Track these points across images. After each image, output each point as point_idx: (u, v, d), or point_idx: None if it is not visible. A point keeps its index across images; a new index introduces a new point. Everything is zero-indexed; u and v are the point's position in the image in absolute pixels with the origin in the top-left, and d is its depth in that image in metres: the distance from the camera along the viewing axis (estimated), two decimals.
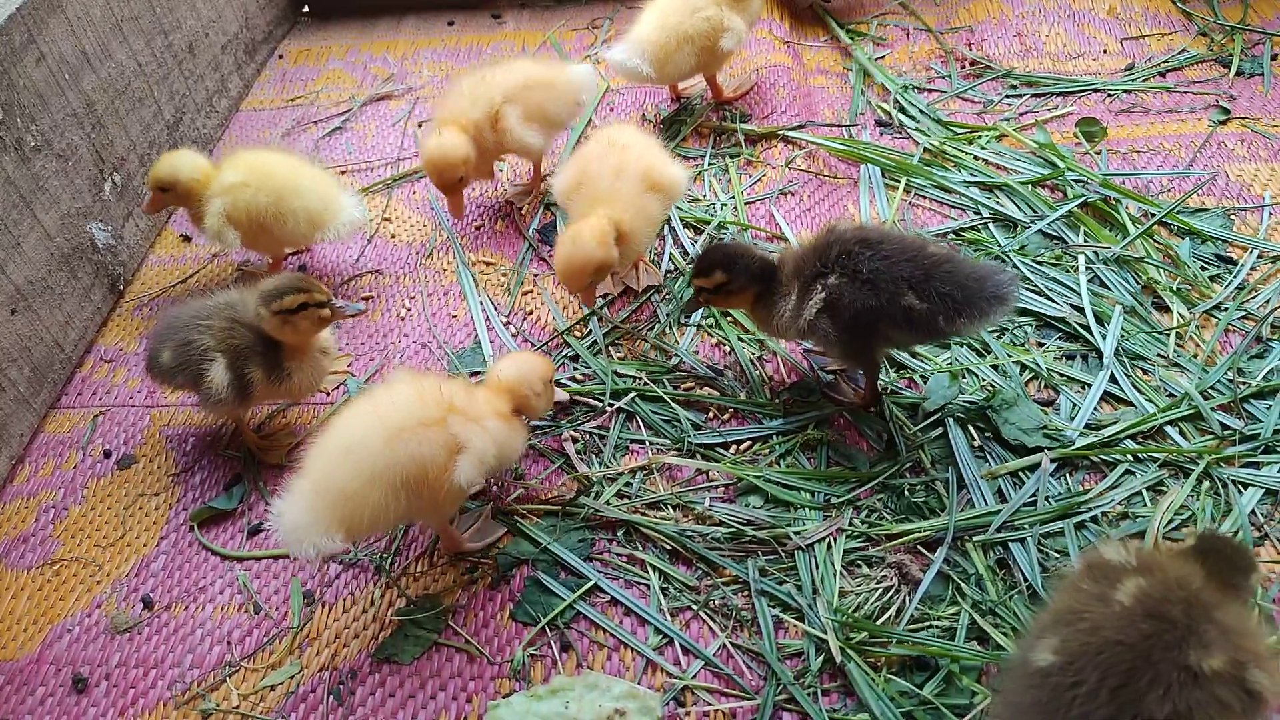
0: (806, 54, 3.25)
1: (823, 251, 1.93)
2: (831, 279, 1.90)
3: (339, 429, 1.72)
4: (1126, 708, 1.29)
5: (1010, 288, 1.83)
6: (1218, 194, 2.52)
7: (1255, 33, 3.03)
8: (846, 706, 1.66)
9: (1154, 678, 1.29)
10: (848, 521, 1.89)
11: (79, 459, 2.24)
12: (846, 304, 1.88)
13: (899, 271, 1.85)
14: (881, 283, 1.86)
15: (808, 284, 1.93)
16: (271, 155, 2.48)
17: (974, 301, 1.82)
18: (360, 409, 1.75)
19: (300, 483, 1.68)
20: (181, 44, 2.96)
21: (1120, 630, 1.32)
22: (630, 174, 2.23)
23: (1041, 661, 1.36)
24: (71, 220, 2.44)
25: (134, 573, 2.01)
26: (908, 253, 1.87)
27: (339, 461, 1.68)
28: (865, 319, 1.88)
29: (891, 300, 1.85)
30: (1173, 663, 1.29)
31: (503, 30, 3.56)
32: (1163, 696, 1.28)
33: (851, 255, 1.89)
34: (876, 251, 1.88)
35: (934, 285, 1.83)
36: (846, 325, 1.89)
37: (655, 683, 1.72)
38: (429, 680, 1.77)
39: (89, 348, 2.51)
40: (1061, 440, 1.98)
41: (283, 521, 1.64)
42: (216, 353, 2.00)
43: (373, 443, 1.67)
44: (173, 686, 1.81)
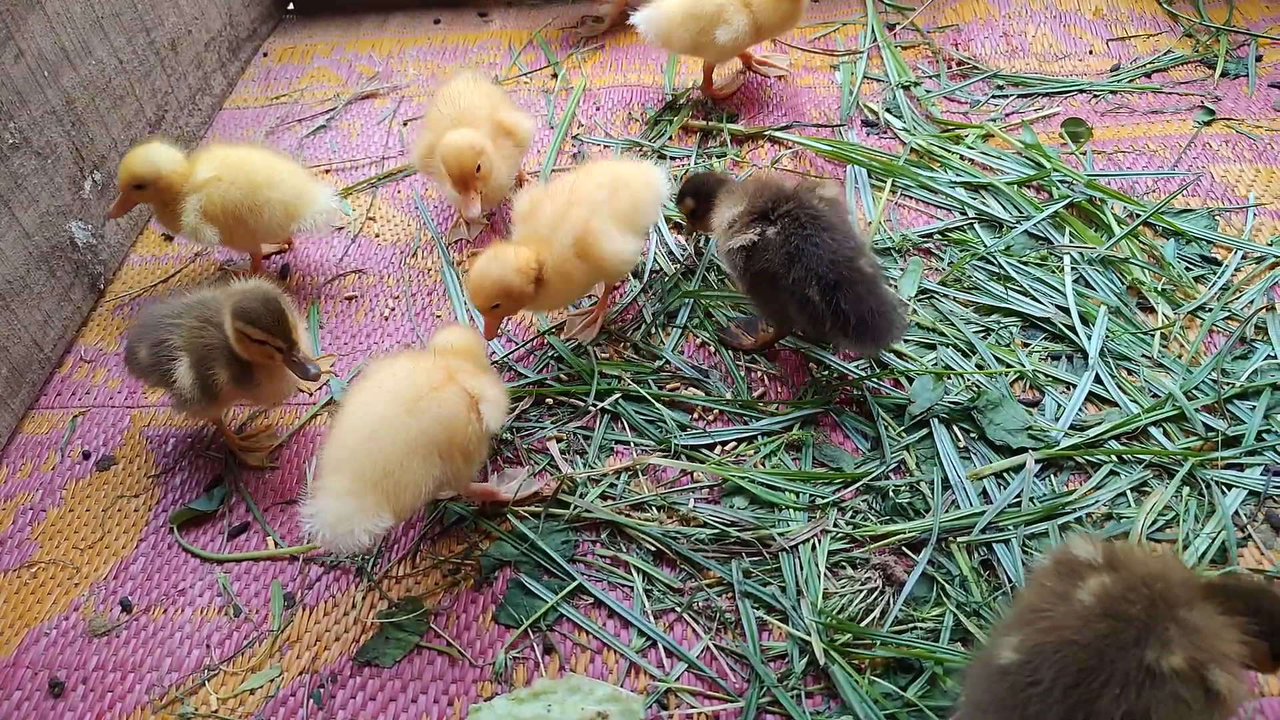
0: (794, 54, 3.24)
1: (781, 199, 2.02)
2: (769, 230, 1.99)
3: (354, 417, 1.72)
4: (1080, 707, 1.29)
5: (898, 334, 1.97)
6: (1202, 195, 2.53)
7: (1240, 34, 3.04)
8: (830, 709, 1.65)
9: (1109, 677, 1.29)
10: (832, 523, 1.89)
11: (57, 460, 2.22)
12: (764, 258, 1.99)
13: (817, 264, 1.94)
14: (797, 263, 1.95)
15: (751, 216, 2.03)
16: (241, 149, 2.45)
17: (862, 332, 1.93)
18: (367, 393, 1.74)
19: (332, 478, 1.66)
20: (164, 41, 2.93)
21: (1077, 630, 1.33)
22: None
23: (1003, 659, 1.36)
24: (51, 219, 2.41)
25: (112, 575, 1.98)
26: (838, 254, 1.95)
27: (368, 445, 1.67)
28: (768, 280, 2.00)
29: (797, 283, 1.95)
30: (1130, 661, 1.29)
31: (489, 28, 3.54)
32: (1119, 696, 1.28)
33: (796, 221, 1.98)
34: (816, 234, 1.96)
35: (839, 296, 1.92)
36: (753, 273, 2.03)
37: (638, 685, 1.71)
38: (410, 683, 1.76)
39: (68, 347, 2.49)
40: (1046, 441, 1.98)
41: (325, 519, 1.62)
42: (182, 352, 1.96)
43: (396, 418, 1.69)
44: (151, 690, 1.79)
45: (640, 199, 2.20)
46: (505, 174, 2.48)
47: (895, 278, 2.36)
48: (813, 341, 2.22)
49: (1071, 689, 1.30)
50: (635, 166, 2.29)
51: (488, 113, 2.47)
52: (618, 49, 3.34)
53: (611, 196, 2.15)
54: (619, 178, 2.19)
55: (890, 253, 2.43)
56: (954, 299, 2.29)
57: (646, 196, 2.23)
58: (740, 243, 2.03)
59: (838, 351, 2.18)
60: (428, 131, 2.50)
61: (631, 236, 2.15)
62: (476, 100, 2.48)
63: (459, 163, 2.30)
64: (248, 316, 1.87)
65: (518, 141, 2.53)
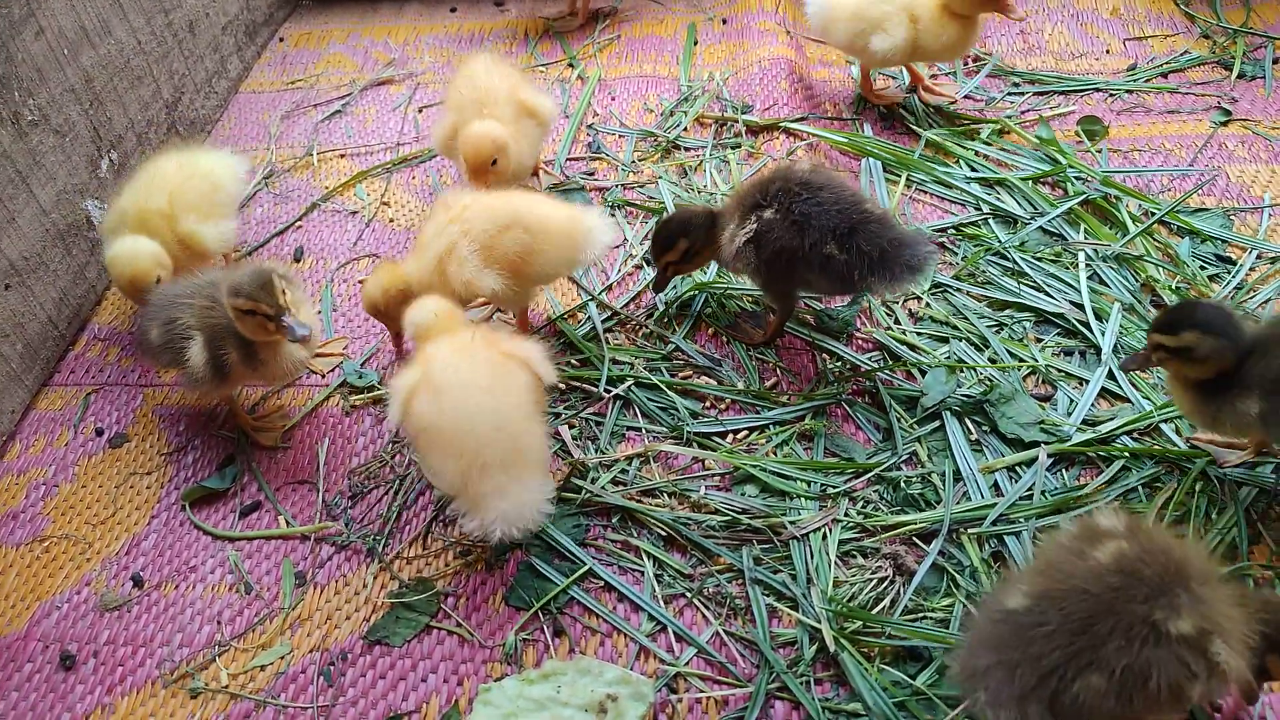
0: (810, 47, 3.24)
1: (767, 185, 2.03)
2: (766, 213, 2.00)
3: (460, 423, 1.70)
4: (1084, 652, 1.33)
5: (928, 259, 1.95)
6: (1218, 194, 2.52)
7: (1257, 36, 3.03)
8: (839, 696, 1.65)
9: (1114, 628, 1.32)
10: (843, 512, 1.89)
11: (70, 436, 2.23)
12: (774, 238, 1.99)
13: (827, 220, 1.96)
14: (808, 227, 1.96)
15: (745, 213, 2.03)
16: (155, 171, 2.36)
17: (890, 265, 1.93)
18: (453, 399, 1.71)
19: (496, 478, 1.68)
20: (182, 23, 2.94)
21: (1089, 580, 1.37)
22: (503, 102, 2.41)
23: (1011, 603, 1.40)
24: (67, 196, 2.42)
25: (124, 551, 1.99)
26: (841, 204, 1.97)
27: (502, 437, 1.70)
28: (785, 256, 1.99)
29: (814, 246, 1.96)
30: (1136, 615, 1.32)
31: (505, 18, 3.54)
32: (1122, 647, 1.31)
33: (790, 194, 2.00)
34: (814, 196, 1.99)
35: (857, 240, 1.94)
36: (767, 259, 2.01)
37: (648, 669, 1.72)
38: (420, 662, 1.76)
39: (83, 325, 2.50)
40: (1059, 436, 1.98)
41: (523, 513, 1.69)
42: (195, 331, 1.98)
43: (501, 401, 1.72)
44: (161, 665, 1.80)
45: (535, 247, 2.05)
46: (527, 154, 2.48)
47: None
48: (833, 335, 2.22)
49: (1077, 634, 1.34)
50: (550, 209, 2.12)
51: (508, 93, 2.45)
52: (634, 40, 3.34)
53: (500, 233, 2.03)
54: (518, 217, 2.05)
55: None
56: (968, 293, 2.29)
57: (546, 246, 2.06)
58: (744, 236, 2.02)
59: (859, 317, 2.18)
60: (450, 114, 2.49)
61: (493, 276, 2.02)
62: (496, 81, 2.46)
63: (477, 153, 2.29)
64: (235, 290, 1.90)
65: (540, 122, 2.52)
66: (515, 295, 2.10)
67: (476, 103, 2.41)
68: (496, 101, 2.41)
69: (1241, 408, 1.68)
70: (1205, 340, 1.65)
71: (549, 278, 2.16)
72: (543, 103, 2.52)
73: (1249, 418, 1.68)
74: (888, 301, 2.29)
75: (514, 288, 2.06)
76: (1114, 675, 1.32)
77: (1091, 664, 1.33)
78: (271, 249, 2.67)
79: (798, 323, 2.27)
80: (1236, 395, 1.68)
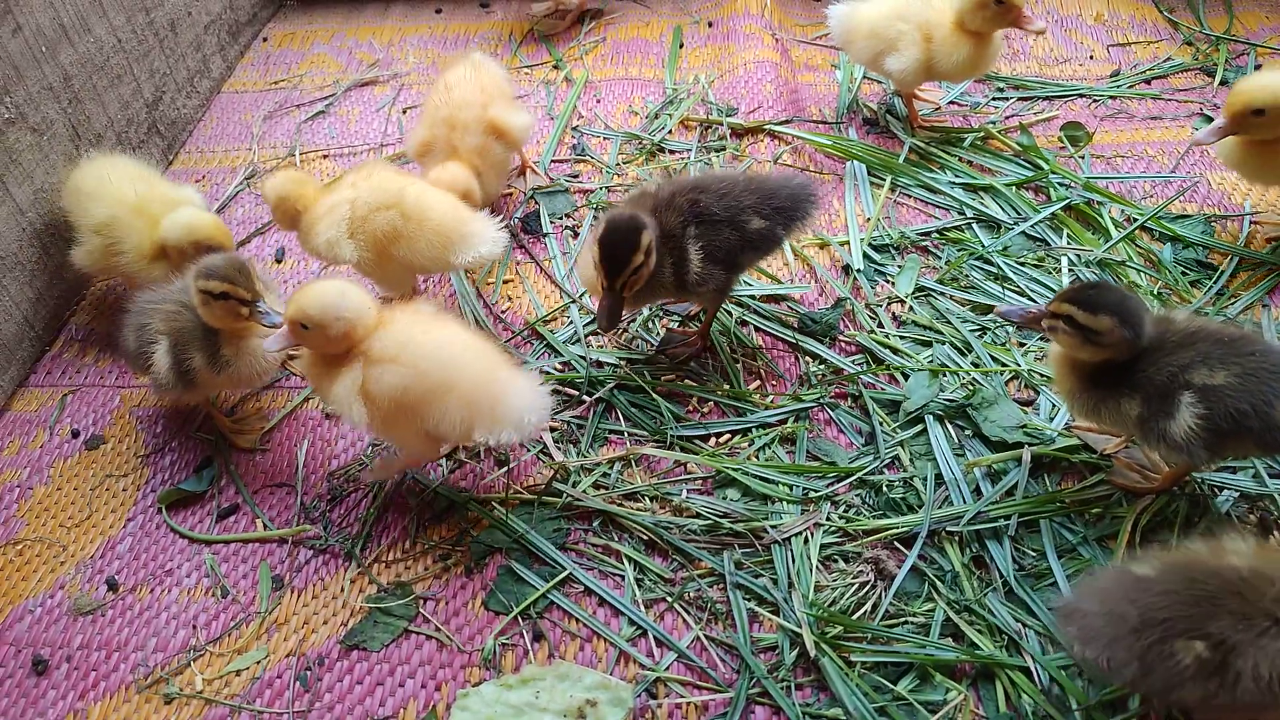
0: (795, 51, 3.24)
1: (667, 208, 2.00)
2: (693, 229, 1.99)
3: (436, 358, 1.75)
4: (1196, 618, 1.34)
5: (810, 185, 2.11)
6: (1199, 200, 2.53)
7: (1240, 43, 3.05)
8: (820, 701, 1.64)
9: (1237, 608, 1.33)
10: (825, 516, 1.88)
11: (46, 438, 2.20)
12: (718, 245, 2.00)
13: (744, 201, 2.02)
14: (735, 217, 2.01)
15: (676, 241, 1.99)
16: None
17: (799, 205, 2.07)
18: (412, 349, 1.76)
19: (500, 379, 1.77)
20: (163, 21, 2.92)
21: (1222, 569, 1.38)
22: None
23: (1139, 569, 1.43)
24: (44, 195, 2.39)
25: (99, 554, 1.97)
26: (738, 184, 2.05)
27: (475, 347, 1.80)
28: (733, 253, 2.02)
29: (744, 229, 2.02)
30: (1261, 607, 1.32)
31: (490, 19, 3.53)
32: (1238, 626, 1.32)
33: (697, 203, 2.01)
34: (715, 191, 2.03)
35: (771, 203, 2.04)
36: (724, 265, 2.02)
37: (628, 674, 1.70)
38: (398, 667, 1.75)
39: (60, 326, 2.47)
40: (1041, 439, 1.97)
41: (540, 398, 1.77)
42: (161, 335, 1.96)
43: (449, 327, 1.82)
44: (135, 670, 1.77)
45: (404, 232, 2.09)
46: (493, 180, 2.46)
47: (893, 274, 2.36)
48: (816, 338, 2.21)
49: (1196, 603, 1.35)
50: (437, 203, 2.13)
51: (479, 112, 2.40)
52: (619, 42, 3.33)
53: (376, 210, 2.09)
54: (400, 201, 2.10)
55: (888, 249, 2.43)
56: (951, 297, 2.29)
57: (417, 236, 2.09)
58: (699, 256, 1.99)
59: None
60: (423, 126, 2.47)
61: (350, 247, 2.11)
62: (469, 95, 2.42)
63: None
64: (209, 272, 1.87)
65: (510, 143, 2.48)
66: (382, 275, 2.17)
67: (447, 122, 2.39)
68: (466, 126, 2.39)
69: (1125, 407, 1.68)
70: (1119, 330, 1.62)
71: (419, 268, 2.17)
72: (515, 122, 2.47)
73: (1128, 418, 1.68)
74: (871, 305, 2.29)
75: (376, 266, 2.12)
76: (1220, 646, 1.32)
77: (1199, 631, 1.33)
78: (253, 249, 2.65)
79: (781, 325, 2.26)
80: (1122, 394, 1.68)
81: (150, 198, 2.27)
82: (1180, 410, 1.61)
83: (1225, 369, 1.61)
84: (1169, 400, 1.62)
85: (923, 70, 2.60)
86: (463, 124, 2.39)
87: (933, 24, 2.56)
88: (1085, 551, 1.80)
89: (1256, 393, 1.58)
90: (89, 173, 2.30)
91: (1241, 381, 1.60)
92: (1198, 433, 1.60)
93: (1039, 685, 1.62)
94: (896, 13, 2.61)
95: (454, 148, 2.39)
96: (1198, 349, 1.64)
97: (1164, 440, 1.64)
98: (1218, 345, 1.64)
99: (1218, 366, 1.61)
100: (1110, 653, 1.40)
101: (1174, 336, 1.67)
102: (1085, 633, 1.43)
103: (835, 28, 2.73)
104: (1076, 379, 1.74)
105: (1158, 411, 1.64)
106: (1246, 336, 1.66)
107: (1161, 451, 1.70)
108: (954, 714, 1.60)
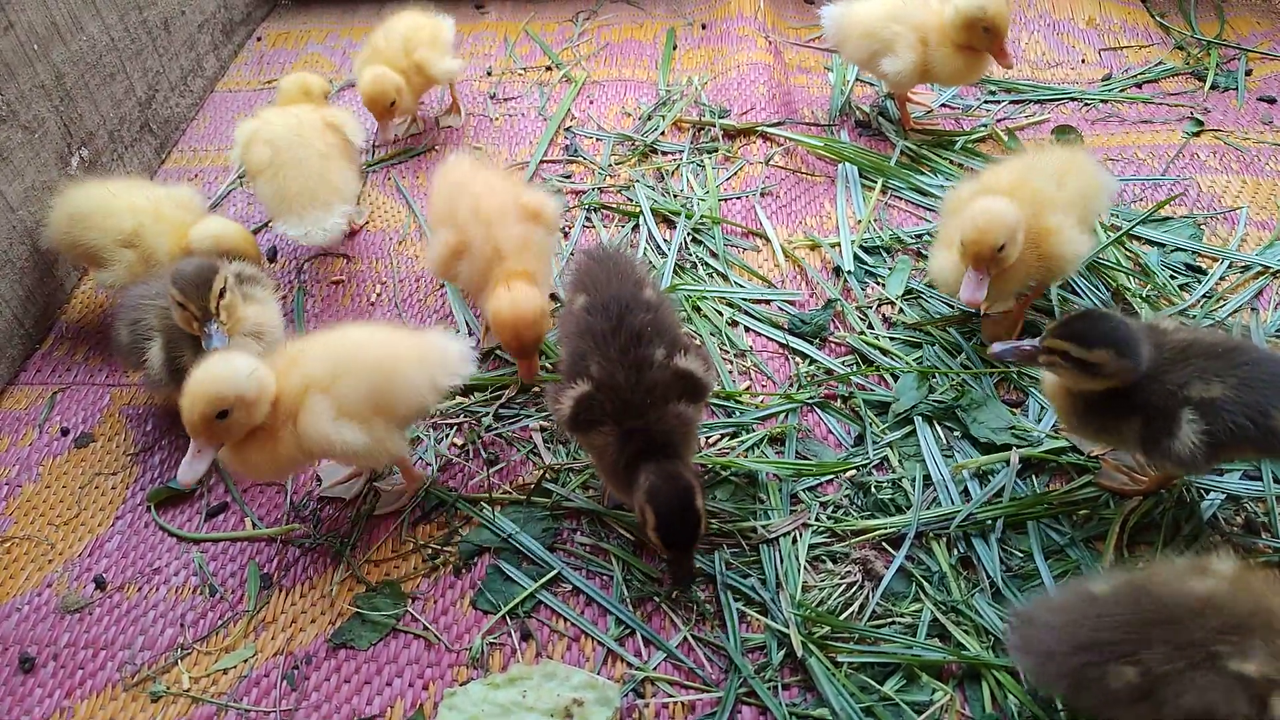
0: (788, 53, 3.25)
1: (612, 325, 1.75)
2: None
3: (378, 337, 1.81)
4: (1130, 644, 1.35)
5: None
6: (1189, 204, 2.54)
7: (1230, 48, 3.06)
8: (807, 701, 1.65)
9: (1171, 637, 1.33)
10: (814, 517, 1.88)
11: (35, 436, 2.19)
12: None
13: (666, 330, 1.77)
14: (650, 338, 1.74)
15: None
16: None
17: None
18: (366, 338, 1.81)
19: (420, 336, 1.84)
20: (156, 20, 2.91)
21: (1173, 596, 1.38)
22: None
23: (1095, 587, 1.44)
24: (35, 194, 2.39)
25: (87, 552, 1.96)
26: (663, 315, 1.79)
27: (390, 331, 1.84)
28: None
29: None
30: (1197, 639, 1.32)
31: (484, 20, 3.53)
32: (1168, 655, 1.32)
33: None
34: (644, 314, 1.75)
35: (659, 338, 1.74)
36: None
37: (615, 673, 1.70)
38: (385, 666, 1.74)
39: (50, 324, 2.46)
40: (1029, 440, 1.98)
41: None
42: (156, 333, 1.96)
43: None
44: (122, 668, 1.77)
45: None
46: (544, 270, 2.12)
47: (884, 275, 2.37)
48: (806, 339, 2.22)
49: (1133, 629, 1.36)
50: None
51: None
52: (613, 44, 3.34)
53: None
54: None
55: (879, 251, 2.44)
56: (940, 300, 2.30)
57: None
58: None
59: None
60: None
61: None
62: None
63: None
64: (174, 278, 1.87)
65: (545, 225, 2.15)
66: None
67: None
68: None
69: (1126, 429, 1.66)
70: (1117, 361, 1.61)
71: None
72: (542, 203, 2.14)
73: (1130, 439, 1.67)
74: (861, 307, 2.29)
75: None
76: (1147, 675, 1.33)
77: (1131, 657, 1.34)
78: None
79: (772, 326, 2.27)
80: (1123, 416, 1.66)
81: (159, 200, 2.27)
82: (1181, 426, 1.60)
83: (1221, 381, 1.61)
84: (1170, 418, 1.62)
85: (918, 73, 2.60)
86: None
87: (929, 27, 2.56)
88: (1073, 553, 1.80)
89: (1253, 403, 1.59)
90: (86, 195, 2.25)
91: (1238, 393, 1.60)
92: (1200, 447, 1.60)
93: (1025, 686, 1.63)
94: (892, 14, 2.61)
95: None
96: (1193, 364, 1.64)
97: (1168, 457, 1.63)
98: (1212, 357, 1.64)
99: (1214, 380, 1.61)
100: (1042, 666, 1.42)
101: (1168, 352, 1.66)
102: (1026, 642, 1.46)
103: (829, 28, 2.73)
104: (1076, 407, 1.73)
105: (1160, 430, 1.63)
106: (1240, 346, 1.66)
107: (1166, 467, 1.70)
108: (940, 714, 1.61)
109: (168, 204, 2.27)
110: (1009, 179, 2.07)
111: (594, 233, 2.58)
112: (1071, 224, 2.03)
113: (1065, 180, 2.07)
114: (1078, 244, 2.02)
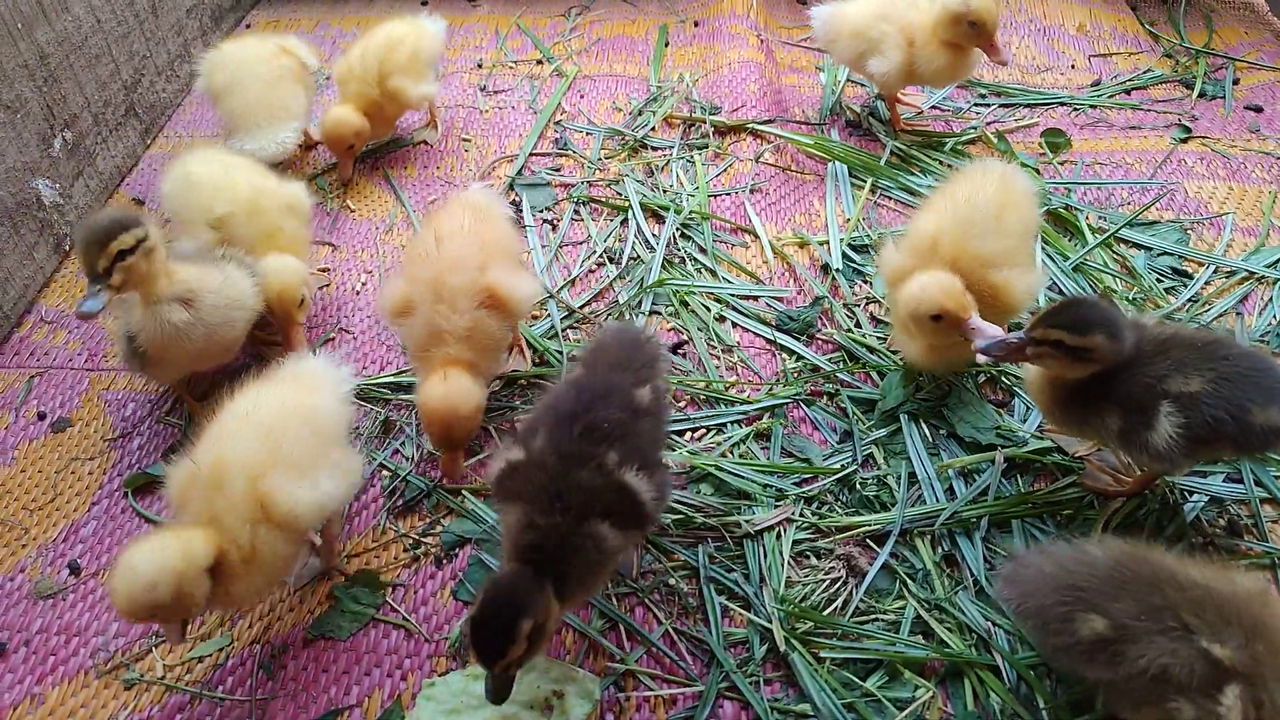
0: (780, 52, 3.25)
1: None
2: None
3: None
4: (1105, 598, 1.40)
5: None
6: (1176, 209, 2.55)
7: (1219, 56, 3.08)
8: (788, 696, 1.64)
9: (1147, 600, 1.37)
10: (798, 512, 1.88)
11: (11, 420, 2.16)
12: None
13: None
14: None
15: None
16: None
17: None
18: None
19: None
20: (144, 3, 2.88)
21: (1165, 571, 1.41)
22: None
23: (1092, 548, 1.49)
24: (16, 174, 2.35)
25: (62, 538, 1.93)
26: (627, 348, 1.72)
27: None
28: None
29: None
30: (1175, 612, 1.34)
31: (476, 13, 3.52)
32: (1140, 617, 1.36)
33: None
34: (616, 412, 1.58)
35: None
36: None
37: (597, 666, 1.69)
38: (364, 656, 1.72)
39: (29, 307, 2.43)
40: (1014, 441, 1.98)
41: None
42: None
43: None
44: (95, 655, 1.74)
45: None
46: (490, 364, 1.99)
47: (872, 274, 2.37)
48: (793, 336, 2.21)
49: (1113, 586, 1.40)
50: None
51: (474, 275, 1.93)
52: (605, 39, 3.33)
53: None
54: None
55: (868, 249, 2.44)
56: None
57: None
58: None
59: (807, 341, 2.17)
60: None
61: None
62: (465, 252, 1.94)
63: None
64: (100, 220, 1.76)
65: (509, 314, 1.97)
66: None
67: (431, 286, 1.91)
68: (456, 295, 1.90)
69: (1107, 421, 1.66)
70: (1109, 344, 1.61)
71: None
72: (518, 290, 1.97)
73: (1110, 431, 1.67)
74: (849, 304, 2.29)
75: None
76: (1114, 627, 1.36)
77: (1102, 609, 1.37)
78: None
79: (759, 322, 2.26)
80: (1103, 407, 1.66)
81: (263, 191, 2.21)
82: (1160, 420, 1.61)
83: (1200, 375, 1.61)
84: (1148, 411, 1.62)
85: (905, 73, 2.61)
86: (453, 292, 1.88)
87: (915, 27, 2.56)
88: None
89: (1231, 398, 1.59)
90: (206, 162, 2.21)
91: (1216, 387, 1.60)
92: (1178, 441, 1.60)
93: (1007, 684, 1.62)
94: (880, 14, 2.61)
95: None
96: (1171, 356, 1.64)
97: (1146, 450, 1.63)
98: (1191, 351, 1.64)
99: (1192, 373, 1.61)
100: (1021, 601, 1.48)
101: (1148, 345, 1.66)
102: (1013, 575, 1.51)
103: (819, 28, 2.73)
104: (1058, 397, 1.73)
105: (1138, 423, 1.63)
106: (1219, 340, 1.67)
107: (1144, 461, 1.70)
108: (922, 711, 1.60)
109: (267, 197, 2.20)
110: (949, 247, 1.92)
111: (582, 226, 2.56)
112: (1019, 272, 1.94)
113: (1004, 217, 1.94)
114: (1029, 285, 1.95)
